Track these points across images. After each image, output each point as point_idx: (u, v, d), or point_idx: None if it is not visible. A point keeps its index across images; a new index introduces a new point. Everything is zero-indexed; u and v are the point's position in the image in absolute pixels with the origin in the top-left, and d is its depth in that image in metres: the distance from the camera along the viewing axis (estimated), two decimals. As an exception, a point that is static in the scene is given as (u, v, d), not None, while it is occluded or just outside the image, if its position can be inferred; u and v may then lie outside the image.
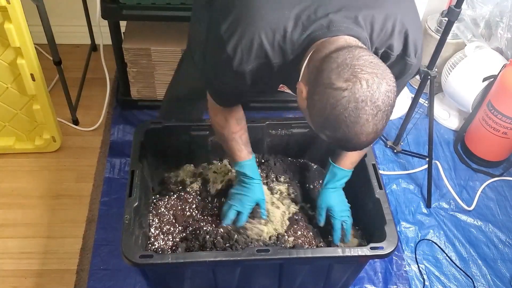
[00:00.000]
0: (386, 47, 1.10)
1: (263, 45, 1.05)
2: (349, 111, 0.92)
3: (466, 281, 1.76)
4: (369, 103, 0.91)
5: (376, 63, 0.94)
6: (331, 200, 1.46)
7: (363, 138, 0.96)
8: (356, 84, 0.91)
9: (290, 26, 1.04)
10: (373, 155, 1.57)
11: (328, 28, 1.02)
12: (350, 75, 0.91)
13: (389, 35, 1.09)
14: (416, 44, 1.12)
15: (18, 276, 1.67)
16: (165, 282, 1.46)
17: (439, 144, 2.20)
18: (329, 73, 0.93)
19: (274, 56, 1.06)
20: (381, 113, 0.94)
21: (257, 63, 1.08)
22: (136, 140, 1.54)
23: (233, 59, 1.07)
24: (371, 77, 0.92)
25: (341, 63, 0.93)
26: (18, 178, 1.94)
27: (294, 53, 1.06)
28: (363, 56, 0.94)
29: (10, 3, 1.53)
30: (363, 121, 0.93)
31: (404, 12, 1.11)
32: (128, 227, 1.32)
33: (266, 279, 1.48)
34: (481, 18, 2.11)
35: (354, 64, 0.92)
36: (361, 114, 0.92)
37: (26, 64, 1.69)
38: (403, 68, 1.14)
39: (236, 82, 1.13)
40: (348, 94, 0.91)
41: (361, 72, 0.92)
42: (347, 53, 0.94)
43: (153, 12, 1.83)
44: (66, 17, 2.32)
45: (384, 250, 1.32)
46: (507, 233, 1.91)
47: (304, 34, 1.04)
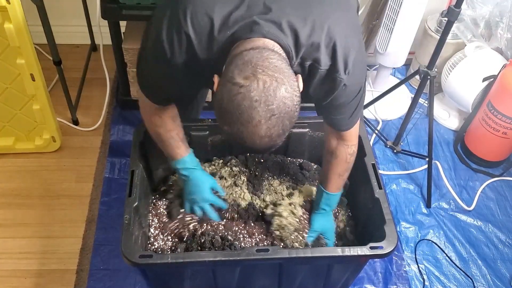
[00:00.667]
0: (312, 59, 1.09)
1: (191, 40, 1.07)
2: (242, 108, 0.93)
3: (466, 281, 1.76)
4: (262, 105, 0.92)
5: (281, 68, 0.95)
6: (323, 225, 1.49)
7: (256, 139, 0.96)
8: (253, 83, 0.92)
9: (217, 24, 1.06)
10: (373, 155, 1.57)
11: (250, 29, 1.03)
12: (250, 73, 0.93)
13: (315, 48, 1.08)
14: (346, 59, 1.09)
15: (18, 276, 1.67)
16: (165, 282, 1.46)
17: (439, 144, 2.20)
18: (234, 68, 0.95)
19: (201, 51, 1.08)
20: (275, 118, 0.94)
21: (187, 56, 1.10)
22: (136, 140, 1.55)
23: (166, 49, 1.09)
24: (270, 79, 0.92)
25: (247, 61, 0.95)
26: (18, 178, 1.94)
27: (219, 50, 1.07)
28: (271, 59, 0.95)
29: (10, 3, 1.53)
30: (256, 122, 0.94)
31: (335, 23, 1.08)
32: (128, 227, 1.33)
33: (266, 279, 1.48)
34: (481, 18, 2.11)
35: (258, 64, 0.94)
36: (253, 114, 0.93)
37: (26, 64, 1.69)
38: (333, 83, 1.12)
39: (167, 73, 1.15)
40: (243, 91, 0.92)
41: (262, 72, 0.93)
42: (257, 53, 0.96)
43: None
44: (66, 17, 2.32)
45: (383, 250, 1.32)
46: (507, 233, 1.91)
47: (228, 33, 1.06)
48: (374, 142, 2.17)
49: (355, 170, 1.57)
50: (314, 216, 1.50)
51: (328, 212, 1.49)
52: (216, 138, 1.65)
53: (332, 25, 1.07)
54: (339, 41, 1.08)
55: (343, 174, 1.42)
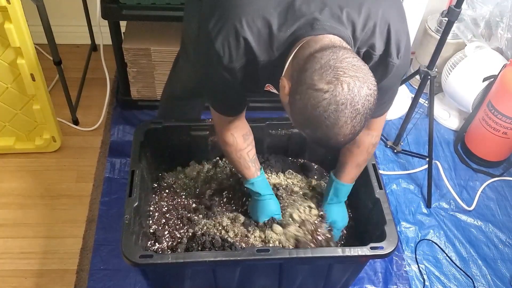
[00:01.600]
0: (368, 46, 1.09)
1: (249, 43, 1.05)
2: (329, 113, 0.93)
3: (466, 281, 1.76)
4: (349, 106, 0.92)
5: (359, 66, 0.94)
6: (336, 215, 1.49)
7: (340, 138, 0.97)
8: (337, 87, 0.91)
9: (275, 24, 1.04)
10: (373, 155, 1.57)
11: (312, 27, 1.02)
12: (332, 77, 0.92)
13: (370, 34, 1.08)
14: (399, 44, 1.10)
15: (18, 276, 1.67)
16: (165, 282, 1.46)
17: (439, 144, 2.20)
18: (312, 73, 0.94)
19: (260, 53, 1.07)
20: (360, 116, 0.95)
21: (246, 60, 1.08)
22: (136, 140, 1.55)
23: (222, 57, 1.08)
24: (353, 80, 0.92)
25: (324, 64, 0.93)
26: (18, 178, 1.94)
27: (279, 51, 1.06)
28: (347, 58, 0.94)
29: (10, 3, 1.53)
30: (342, 123, 0.94)
31: (387, 10, 1.09)
32: (128, 227, 1.33)
33: (266, 279, 1.48)
34: (481, 18, 2.11)
35: (337, 66, 0.93)
36: (340, 116, 0.93)
37: (26, 64, 1.69)
38: (386, 68, 1.13)
39: (229, 79, 1.13)
40: (329, 96, 0.92)
41: (343, 75, 0.92)
42: (331, 54, 0.95)
43: (153, 12, 1.83)
44: (66, 17, 2.32)
45: (384, 250, 1.32)
46: (507, 233, 1.91)
47: (288, 32, 1.04)
48: (374, 142, 2.17)
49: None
50: (328, 207, 1.50)
51: (342, 203, 1.50)
52: (217, 138, 1.65)
53: (385, 11, 1.08)
54: (392, 27, 1.08)
55: (362, 164, 1.43)
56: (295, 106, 0.97)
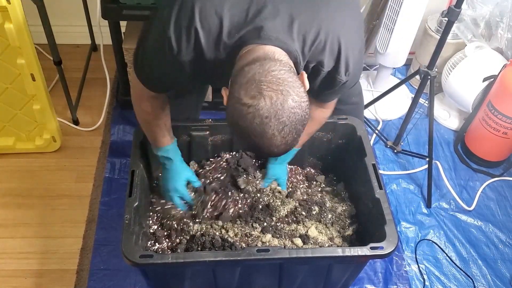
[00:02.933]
0: (317, 62, 1.12)
1: (199, 38, 1.07)
2: (254, 126, 0.95)
3: (466, 281, 1.76)
4: (273, 120, 0.94)
5: (284, 79, 0.95)
6: (279, 173, 1.58)
7: (273, 149, 0.99)
8: (260, 101, 0.94)
9: (225, 25, 1.06)
10: (373, 155, 1.57)
11: (258, 35, 1.04)
12: (255, 92, 0.94)
13: (320, 50, 1.10)
14: (348, 62, 1.13)
15: (18, 276, 1.67)
16: (165, 282, 1.46)
17: (439, 144, 2.20)
18: (239, 87, 0.96)
19: (208, 51, 1.08)
20: (288, 127, 0.96)
21: (195, 54, 1.10)
22: (136, 140, 1.55)
23: (173, 46, 1.09)
24: (276, 94, 0.94)
25: (250, 78, 0.95)
26: (18, 178, 1.94)
27: (226, 52, 1.08)
28: (273, 71, 0.96)
29: (10, 3, 1.53)
30: (270, 135, 0.96)
31: (341, 25, 1.11)
32: (128, 227, 1.32)
33: (266, 279, 1.48)
34: (481, 18, 2.11)
35: (261, 80, 0.94)
36: (266, 129, 0.95)
37: (26, 64, 1.69)
38: (333, 83, 1.17)
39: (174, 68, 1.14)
40: (252, 111, 0.94)
41: (267, 89, 0.94)
42: (258, 67, 0.96)
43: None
44: (66, 17, 2.32)
45: (384, 250, 1.32)
46: (507, 233, 1.91)
47: (236, 36, 1.06)
48: (374, 142, 2.17)
49: (356, 170, 1.58)
50: (271, 166, 1.56)
51: (284, 163, 1.57)
52: (217, 138, 1.65)
53: (338, 28, 1.09)
54: (343, 44, 1.10)
55: (312, 133, 1.50)
56: (227, 117, 1.01)
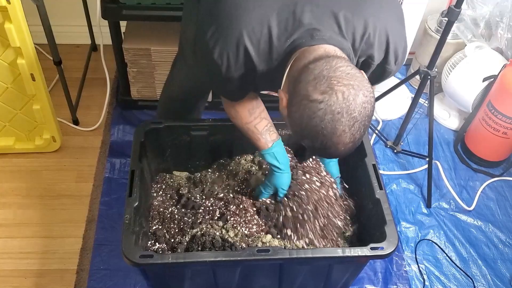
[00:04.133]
0: (367, 56, 1.12)
1: (249, 53, 1.06)
2: (326, 123, 0.94)
3: (466, 281, 1.76)
4: (345, 115, 0.93)
5: (353, 74, 0.95)
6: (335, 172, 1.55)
7: (341, 147, 0.98)
8: (332, 96, 0.92)
9: (275, 33, 1.04)
10: (373, 155, 1.57)
11: (311, 37, 1.03)
12: (326, 87, 0.93)
13: (370, 45, 1.10)
14: (396, 52, 1.13)
15: (18, 276, 1.67)
16: (165, 282, 1.46)
17: (439, 144, 2.20)
18: (306, 84, 0.95)
19: (260, 63, 1.07)
20: (358, 123, 0.95)
21: (245, 69, 1.09)
22: (136, 140, 1.54)
23: (220, 66, 1.08)
24: (347, 89, 0.93)
25: (318, 75, 0.94)
26: (18, 178, 1.94)
27: (278, 60, 1.07)
28: (340, 67, 0.95)
29: (10, 3, 1.52)
30: (340, 132, 0.95)
31: (387, 20, 1.11)
32: (128, 227, 1.32)
33: (266, 279, 1.48)
34: (481, 18, 2.11)
35: (331, 75, 0.94)
36: (337, 126, 0.94)
37: (26, 64, 1.69)
38: (383, 73, 1.17)
39: (226, 86, 1.15)
40: (324, 106, 0.93)
41: (337, 84, 0.93)
42: (325, 64, 0.95)
43: (153, 12, 1.83)
44: (66, 17, 2.32)
45: (384, 251, 1.32)
46: (507, 233, 1.91)
47: (287, 41, 1.05)
48: (374, 142, 2.17)
49: (356, 170, 1.58)
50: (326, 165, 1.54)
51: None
52: (216, 138, 1.65)
53: (385, 21, 1.10)
54: (391, 37, 1.10)
55: None
56: (293, 117, 0.99)
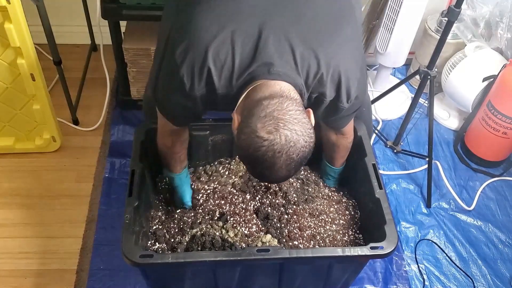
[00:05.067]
0: (319, 93, 1.18)
1: (211, 76, 1.12)
2: (266, 158, 1.02)
3: (466, 281, 1.76)
4: (284, 155, 1.02)
5: (300, 120, 1.03)
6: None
7: (276, 178, 1.08)
8: (276, 137, 1.00)
9: (237, 62, 1.11)
10: (373, 155, 1.57)
11: (268, 71, 1.10)
12: (272, 128, 1.01)
13: (322, 83, 1.17)
14: (349, 91, 1.20)
15: (18, 276, 1.67)
16: (165, 282, 1.46)
17: (439, 144, 2.20)
18: (257, 120, 1.02)
19: (220, 87, 1.14)
20: (294, 163, 1.04)
21: (206, 90, 1.15)
22: (137, 140, 1.55)
23: (185, 83, 1.14)
24: (291, 133, 1.01)
25: (269, 114, 1.02)
26: (18, 178, 1.94)
27: (237, 87, 1.13)
28: (290, 111, 1.03)
29: (10, 3, 1.53)
30: (278, 167, 1.03)
31: (342, 60, 1.17)
32: (128, 226, 1.32)
33: (266, 279, 1.48)
34: (481, 18, 2.11)
35: (280, 117, 1.01)
36: (276, 162, 1.02)
37: (26, 64, 1.69)
38: (336, 110, 1.24)
39: (186, 104, 1.20)
40: (267, 144, 1.01)
41: (283, 127, 1.01)
42: (277, 104, 1.03)
43: (153, 12, 1.83)
44: (66, 17, 2.32)
45: (384, 250, 1.32)
46: (507, 233, 1.91)
47: (246, 71, 1.11)
48: (374, 142, 2.17)
49: (356, 170, 1.58)
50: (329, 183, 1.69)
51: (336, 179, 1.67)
52: (217, 138, 1.65)
53: (339, 62, 1.17)
54: (344, 75, 1.17)
55: (345, 156, 1.60)
56: (240, 144, 1.06)
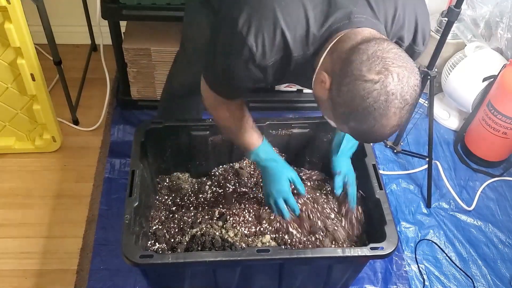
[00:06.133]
0: (397, 38, 1.12)
1: (285, 38, 1.03)
2: (379, 104, 0.92)
3: (466, 281, 1.76)
4: (399, 97, 0.92)
5: (405, 57, 0.95)
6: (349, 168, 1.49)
7: (387, 130, 0.96)
8: (388, 77, 0.91)
9: (311, 17, 1.02)
10: (373, 155, 1.57)
11: (349, 20, 1.02)
12: (381, 68, 0.91)
13: (400, 27, 1.10)
14: (424, 33, 1.15)
15: (18, 276, 1.67)
16: (165, 282, 1.46)
17: (439, 144, 2.20)
18: (360, 64, 0.92)
19: (295, 49, 1.04)
20: (408, 106, 0.94)
21: (279, 56, 1.06)
22: (137, 140, 1.55)
23: (255, 53, 1.04)
24: (401, 70, 0.92)
25: (372, 55, 0.92)
26: (18, 178, 1.94)
27: (315, 45, 1.04)
28: (392, 49, 0.94)
29: (10, 3, 1.53)
30: (391, 114, 0.93)
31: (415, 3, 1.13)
32: (128, 227, 1.33)
33: (266, 279, 1.48)
34: (481, 18, 2.11)
35: (385, 56, 0.92)
36: (390, 107, 0.92)
37: (26, 64, 1.69)
38: (412, 54, 1.15)
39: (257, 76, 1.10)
40: (379, 87, 0.91)
41: (392, 65, 0.92)
42: (376, 45, 0.94)
43: (153, 12, 1.83)
44: (66, 17, 2.32)
45: (384, 250, 1.32)
46: (507, 233, 1.91)
47: (324, 26, 1.03)
48: (374, 142, 2.17)
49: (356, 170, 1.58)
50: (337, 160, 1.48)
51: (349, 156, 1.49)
52: (217, 138, 1.65)
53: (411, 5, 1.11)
54: (419, 19, 1.12)
55: None
56: (340, 99, 0.96)
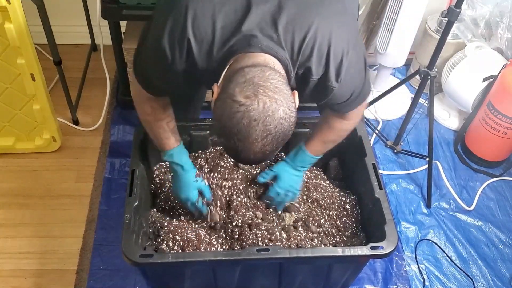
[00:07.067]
0: (305, 69, 1.11)
1: (191, 50, 1.08)
2: (241, 126, 0.96)
3: (466, 281, 1.76)
4: (261, 124, 0.95)
5: (281, 89, 0.97)
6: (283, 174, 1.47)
7: (251, 154, 1.00)
8: (253, 103, 0.94)
9: (217, 36, 1.06)
10: (373, 155, 1.57)
11: (248, 43, 1.05)
12: (251, 93, 0.95)
13: (306, 57, 1.09)
14: (339, 68, 1.10)
15: (18, 276, 1.67)
16: (165, 282, 1.46)
17: (439, 144, 2.20)
18: (235, 85, 0.97)
19: (200, 61, 1.09)
20: (271, 137, 0.97)
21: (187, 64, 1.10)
22: (137, 140, 1.55)
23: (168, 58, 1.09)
24: (270, 100, 0.95)
25: (249, 80, 0.96)
26: (18, 178, 1.94)
27: (217, 62, 1.08)
28: (272, 79, 0.97)
29: (10, 3, 1.53)
30: (252, 139, 0.97)
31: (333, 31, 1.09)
32: (128, 226, 1.33)
33: (266, 278, 1.48)
34: (481, 18, 2.11)
35: (260, 84, 0.96)
36: (251, 132, 0.96)
37: (26, 64, 1.69)
38: (326, 91, 1.14)
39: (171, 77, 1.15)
40: (243, 110, 0.95)
41: (263, 93, 0.95)
42: (258, 71, 0.98)
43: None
44: (66, 17, 2.32)
45: (384, 250, 1.32)
46: (507, 233, 1.91)
47: (227, 45, 1.06)
48: (374, 142, 2.17)
49: (356, 170, 1.58)
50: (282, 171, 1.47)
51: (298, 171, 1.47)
52: (217, 138, 1.65)
53: (326, 34, 1.08)
54: (333, 50, 1.09)
55: (328, 143, 1.43)
56: (215, 112, 1.00)
